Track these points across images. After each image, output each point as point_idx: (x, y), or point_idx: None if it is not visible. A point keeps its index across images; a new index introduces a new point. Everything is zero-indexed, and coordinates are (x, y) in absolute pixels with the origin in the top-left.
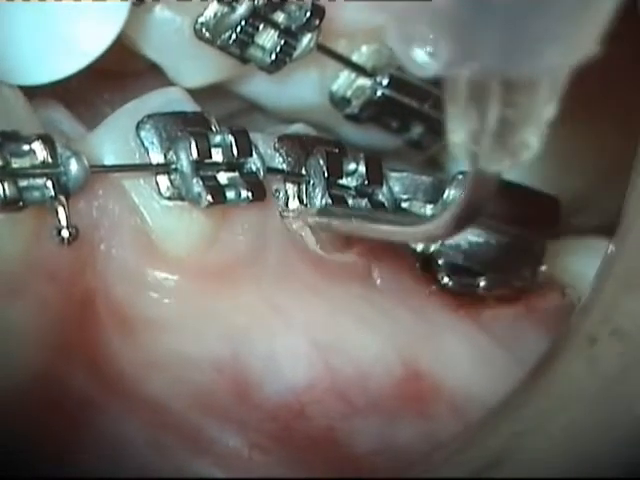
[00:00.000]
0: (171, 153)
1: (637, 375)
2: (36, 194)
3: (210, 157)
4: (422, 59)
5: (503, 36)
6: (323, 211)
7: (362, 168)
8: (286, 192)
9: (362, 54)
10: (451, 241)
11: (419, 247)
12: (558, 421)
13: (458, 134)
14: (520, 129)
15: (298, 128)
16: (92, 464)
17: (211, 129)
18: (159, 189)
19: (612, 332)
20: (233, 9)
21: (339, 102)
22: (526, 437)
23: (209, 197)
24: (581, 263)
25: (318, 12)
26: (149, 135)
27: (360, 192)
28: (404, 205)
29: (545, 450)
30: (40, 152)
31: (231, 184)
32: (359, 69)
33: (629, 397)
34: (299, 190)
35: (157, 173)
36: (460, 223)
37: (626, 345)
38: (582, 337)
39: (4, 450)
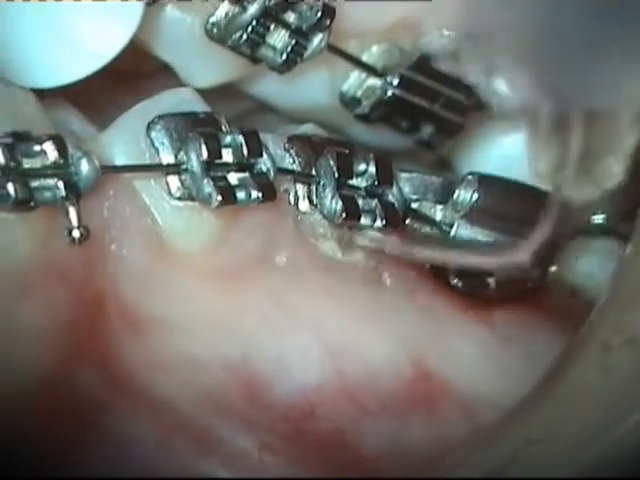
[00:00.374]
0: (182, 153)
1: None
2: (47, 194)
3: (220, 157)
4: (502, 90)
5: (582, 67)
6: (406, 239)
7: (372, 168)
8: (296, 192)
9: (372, 54)
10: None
11: None
12: (570, 428)
13: (541, 164)
14: (603, 158)
15: (308, 128)
16: (101, 464)
17: (221, 129)
18: (169, 189)
19: (626, 341)
20: (244, 9)
21: (349, 102)
22: (538, 444)
23: (219, 197)
24: (591, 264)
25: (329, 12)
26: (160, 135)
27: (370, 192)
28: (414, 205)
29: (557, 457)
30: (51, 152)
31: (241, 184)
32: (369, 69)
33: None
34: (309, 190)
35: (167, 173)
36: (544, 254)
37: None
38: (596, 345)
39: (12, 450)
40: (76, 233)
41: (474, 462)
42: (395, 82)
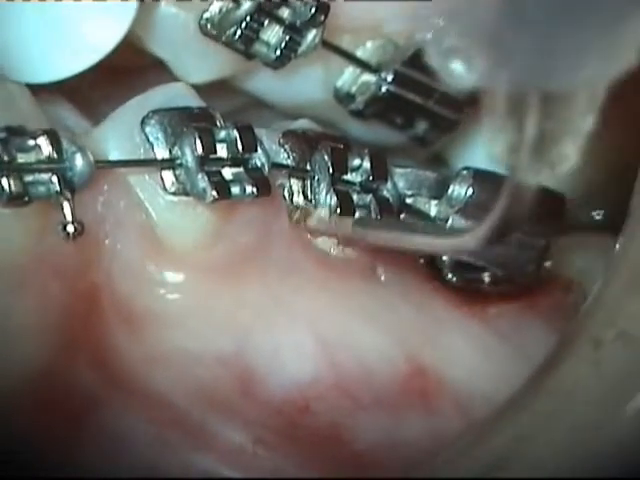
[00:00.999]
0: (176, 148)
1: None
2: (41, 189)
3: (215, 152)
4: (459, 72)
5: (540, 48)
6: (358, 222)
7: (367, 164)
8: (291, 187)
9: (367, 50)
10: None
11: None
12: (562, 424)
13: (496, 145)
14: (559, 141)
15: (303, 123)
16: (96, 459)
17: (216, 124)
18: (164, 184)
19: (617, 335)
20: (238, 5)
21: (344, 98)
22: (530, 440)
23: (214, 192)
24: (586, 259)
25: (323, 8)
26: (154, 130)
27: (365, 188)
28: (408, 201)
29: (549, 452)
30: (45, 147)
31: (236, 179)
32: (364, 65)
33: (634, 401)
34: (304, 185)
35: (162, 168)
36: (495, 236)
37: (631, 349)
38: (587, 340)
39: (7, 446)
40: (70, 228)
41: (466, 459)
42: (389, 78)
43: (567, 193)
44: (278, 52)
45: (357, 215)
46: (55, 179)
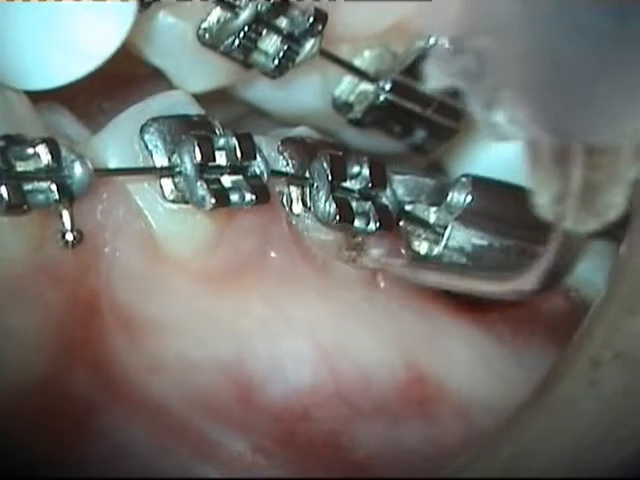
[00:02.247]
0: (175, 156)
1: None
2: (40, 197)
3: (214, 160)
4: (502, 124)
5: (583, 102)
6: (411, 263)
7: (366, 171)
8: (290, 195)
9: (365, 59)
10: (455, 244)
11: (422, 250)
12: (560, 442)
13: (542, 196)
14: (604, 191)
15: (302, 131)
16: (94, 466)
17: (215, 132)
18: (163, 192)
19: (615, 356)
20: (236, 15)
21: (342, 107)
22: (528, 457)
23: (213, 200)
24: (587, 267)
25: (321, 17)
26: (153, 138)
27: (364, 195)
28: (408, 208)
29: (546, 471)
30: (44, 155)
31: (235, 187)
32: (362, 74)
33: (632, 421)
34: (303, 193)
35: (161, 176)
36: (547, 282)
37: (629, 369)
38: (585, 360)
39: (6, 452)
40: (69, 236)
41: (467, 474)
42: (387, 87)
43: None
44: (276, 61)
45: (407, 257)
46: (54, 187)
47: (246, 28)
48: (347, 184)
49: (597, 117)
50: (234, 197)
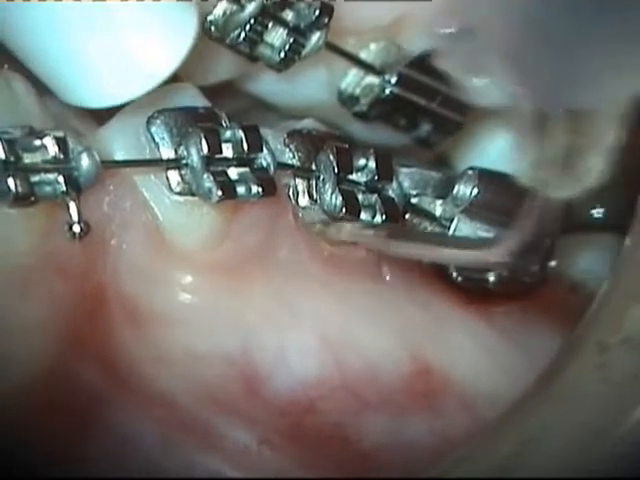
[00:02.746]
0: (182, 148)
1: None
2: (48, 189)
3: (221, 152)
4: (483, 89)
5: (563, 67)
6: (387, 234)
7: (372, 163)
8: (296, 187)
9: (370, 52)
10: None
11: None
12: (568, 428)
13: (521, 161)
14: (585, 156)
15: (308, 123)
16: (101, 458)
17: (221, 124)
18: (170, 184)
19: (622, 340)
20: (242, 7)
21: (348, 100)
22: (536, 443)
23: (219, 192)
24: (591, 259)
25: (327, 10)
26: (160, 130)
27: (370, 187)
28: (414, 200)
29: (555, 456)
30: (52, 147)
31: (242, 179)
32: (368, 67)
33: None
34: (309, 185)
35: (168, 168)
36: (520, 248)
37: (636, 353)
38: (592, 345)
39: (12, 444)
40: (76, 228)
41: (473, 462)
42: (393, 80)
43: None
44: (282, 54)
45: (380, 223)
46: (61, 179)
47: (252, 21)
48: (353, 177)
49: (579, 83)
50: (240, 189)
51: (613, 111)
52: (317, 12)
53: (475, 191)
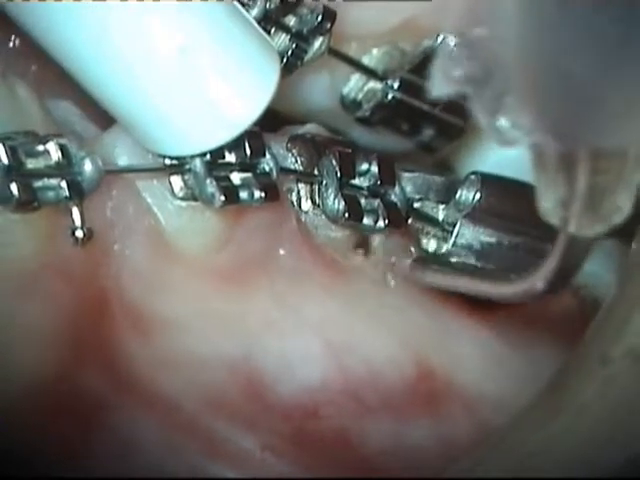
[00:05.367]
0: None
1: None
2: (50, 194)
3: (223, 157)
4: (507, 129)
5: (588, 106)
6: (416, 262)
7: (374, 168)
8: (299, 192)
9: (373, 57)
10: (463, 241)
11: (431, 248)
12: (571, 441)
13: (548, 200)
14: (610, 195)
15: (310, 128)
16: (104, 464)
17: None
18: (172, 189)
19: (626, 352)
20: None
21: (350, 105)
22: (539, 457)
23: (222, 197)
24: (595, 264)
25: (329, 15)
26: None
27: (372, 192)
28: (416, 205)
29: (558, 470)
30: (54, 153)
31: (244, 184)
32: (370, 72)
33: None
34: (312, 190)
35: (170, 173)
36: (553, 285)
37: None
38: (595, 357)
39: (15, 449)
40: (79, 233)
41: (477, 474)
42: (396, 85)
43: None
44: (284, 60)
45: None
46: (64, 184)
47: None
48: (356, 181)
49: (602, 121)
50: (243, 194)
51: (637, 149)
52: (319, 17)
53: (478, 196)
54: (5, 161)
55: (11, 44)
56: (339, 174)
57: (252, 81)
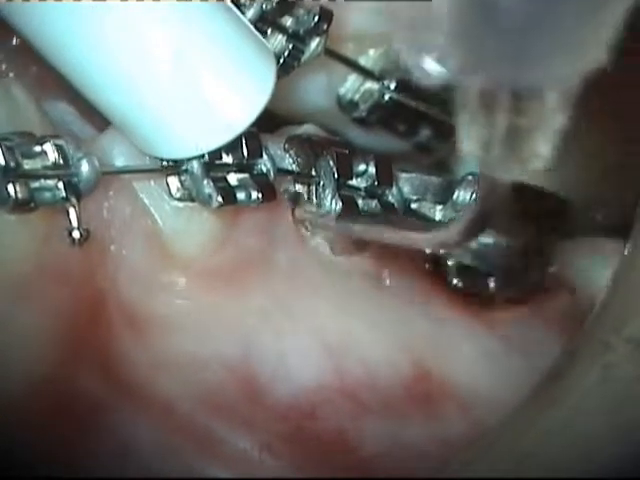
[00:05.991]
0: None
1: None
2: (47, 195)
3: (220, 158)
4: (431, 67)
5: (510, 46)
6: (342, 216)
7: (372, 169)
8: (296, 193)
9: (370, 58)
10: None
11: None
12: (573, 429)
13: (469, 142)
14: (530, 138)
15: (308, 129)
16: (102, 465)
17: None
18: (170, 190)
19: (627, 339)
20: (241, 14)
21: (347, 106)
22: (541, 445)
23: (219, 198)
24: (591, 263)
25: (326, 16)
26: None
27: (370, 193)
28: (414, 206)
29: (560, 458)
30: (51, 154)
31: (241, 185)
32: (367, 73)
33: None
34: (309, 191)
35: (168, 174)
36: (472, 230)
37: None
38: (596, 344)
39: (12, 451)
40: (76, 234)
41: (476, 468)
42: (392, 86)
43: (569, 195)
44: (281, 60)
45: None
46: (61, 185)
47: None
48: (353, 182)
49: (525, 62)
50: (240, 195)
51: (560, 94)
52: (316, 18)
53: (475, 196)
54: (2, 162)
55: (9, 45)
56: (336, 175)
57: (249, 83)
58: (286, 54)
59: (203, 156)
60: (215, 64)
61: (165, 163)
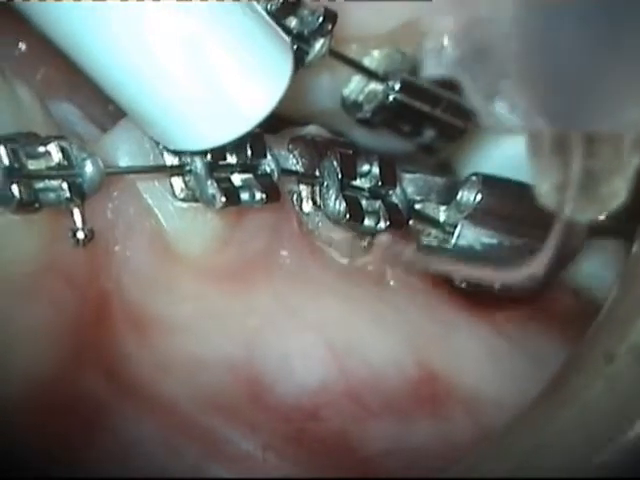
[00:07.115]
0: (185, 155)
1: None
2: (52, 196)
3: (224, 159)
4: (502, 113)
5: (583, 91)
6: (421, 249)
7: (376, 169)
8: (300, 193)
9: (374, 59)
10: (464, 242)
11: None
12: (575, 439)
13: (543, 185)
14: (605, 180)
15: (311, 129)
16: (104, 466)
17: None
18: (173, 190)
19: (629, 349)
20: None
21: (351, 107)
22: (542, 455)
23: (223, 199)
24: (595, 264)
25: (330, 17)
26: None
27: (374, 193)
28: (417, 206)
29: (562, 467)
30: (55, 154)
31: (245, 186)
32: (371, 74)
33: None
34: (313, 191)
35: (171, 175)
36: (551, 272)
37: None
38: (599, 355)
39: (15, 451)
40: (80, 234)
41: (480, 471)
42: (397, 87)
43: None
44: None
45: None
46: (65, 186)
47: None
48: (357, 182)
49: (597, 105)
50: (244, 196)
51: (633, 136)
52: (321, 19)
53: (479, 197)
54: (6, 162)
55: (14, 47)
56: (340, 175)
57: (266, 74)
58: None
59: (206, 156)
60: (232, 54)
61: (169, 163)
